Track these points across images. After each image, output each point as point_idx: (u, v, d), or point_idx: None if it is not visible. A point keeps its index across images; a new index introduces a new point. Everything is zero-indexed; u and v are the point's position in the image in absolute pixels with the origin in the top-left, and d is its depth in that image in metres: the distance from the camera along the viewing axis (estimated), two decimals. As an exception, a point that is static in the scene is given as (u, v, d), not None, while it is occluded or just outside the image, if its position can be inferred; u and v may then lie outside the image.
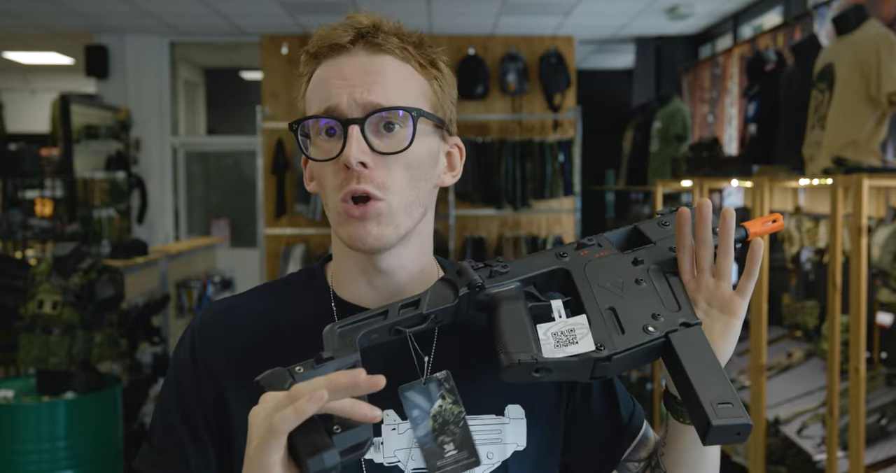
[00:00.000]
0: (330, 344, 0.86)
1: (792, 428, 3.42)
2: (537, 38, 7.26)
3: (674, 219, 0.98)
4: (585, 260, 0.97)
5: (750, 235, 1.01)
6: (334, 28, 0.98)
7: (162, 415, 1.02)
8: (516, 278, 0.95)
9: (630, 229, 1.03)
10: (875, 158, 3.36)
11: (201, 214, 8.53)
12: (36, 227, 5.23)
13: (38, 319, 3.51)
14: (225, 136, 8.87)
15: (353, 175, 0.93)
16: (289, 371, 0.83)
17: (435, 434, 0.95)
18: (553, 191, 7.01)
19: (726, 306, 0.94)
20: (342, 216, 0.94)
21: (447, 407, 0.96)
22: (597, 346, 0.89)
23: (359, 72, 0.95)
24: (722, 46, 6.86)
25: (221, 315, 1.04)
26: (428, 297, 0.92)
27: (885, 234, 3.14)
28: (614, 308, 0.92)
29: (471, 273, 0.94)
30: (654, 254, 0.98)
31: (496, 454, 0.99)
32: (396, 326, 0.90)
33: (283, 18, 6.53)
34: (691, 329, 0.91)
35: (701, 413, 0.86)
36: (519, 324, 0.90)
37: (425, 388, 0.97)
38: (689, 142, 6.19)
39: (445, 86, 1.01)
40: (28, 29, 7.18)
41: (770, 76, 4.44)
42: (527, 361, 0.87)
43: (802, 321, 3.98)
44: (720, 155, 5.03)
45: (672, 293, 0.95)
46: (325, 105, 0.95)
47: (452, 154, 1.04)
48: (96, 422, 3.56)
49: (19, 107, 10.46)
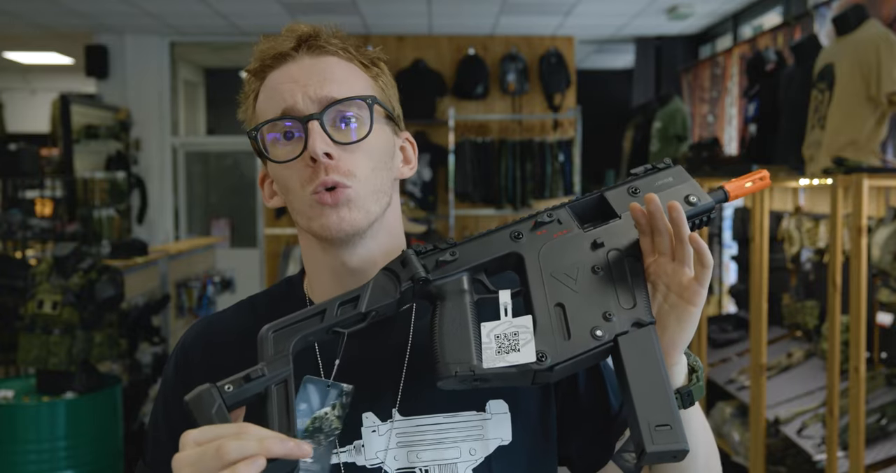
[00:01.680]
0: (264, 350, 0.85)
1: (792, 428, 3.42)
2: (537, 38, 7.27)
3: (645, 186, 0.95)
4: (542, 241, 0.92)
5: (730, 196, 0.95)
6: (274, 38, 1.01)
7: (153, 433, 1.06)
8: (465, 267, 0.91)
9: (596, 198, 0.96)
10: (875, 158, 3.36)
11: (201, 214, 8.53)
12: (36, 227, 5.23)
13: (38, 319, 3.51)
14: (225, 136, 8.87)
15: (320, 167, 0.95)
16: (217, 389, 0.81)
17: (305, 436, 0.94)
18: (553, 191, 7.01)
19: (684, 292, 0.90)
20: (314, 207, 0.96)
21: (330, 418, 0.95)
22: (538, 357, 0.85)
23: (307, 72, 0.98)
24: (722, 46, 6.86)
25: (203, 334, 1.07)
26: (368, 292, 0.89)
27: (885, 234, 3.14)
28: (563, 305, 0.88)
29: (415, 265, 0.90)
30: (617, 233, 0.92)
31: (479, 450, 0.99)
32: (334, 328, 0.88)
33: (283, 18, 6.53)
34: (642, 330, 0.87)
35: (637, 434, 0.83)
36: (461, 327, 0.87)
37: (326, 390, 0.95)
38: (689, 142, 6.19)
39: (389, 84, 1.04)
40: (28, 29, 7.17)
41: (770, 76, 4.44)
42: (464, 373, 0.85)
43: (802, 321, 3.98)
44: (720, 155, 5.03)
45: (629, 283, 0.89)
46: (281, 108, 0.97)
47: (406, 148, 1.07)
48: (96, 422, 3.56)
49: (19, 107, 10.46)
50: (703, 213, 0.94)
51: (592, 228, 0.93)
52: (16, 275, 4.24)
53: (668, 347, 0.92)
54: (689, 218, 0.92)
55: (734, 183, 0.97)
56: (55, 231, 5.41)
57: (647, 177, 0.96)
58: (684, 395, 0.91)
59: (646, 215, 0.90)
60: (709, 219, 0.95)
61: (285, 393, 0.84)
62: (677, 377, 0.93)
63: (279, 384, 0.84)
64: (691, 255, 0.89)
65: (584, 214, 0.95)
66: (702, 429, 0.97)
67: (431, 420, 0.99)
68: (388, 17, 6.63)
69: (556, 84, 7.17)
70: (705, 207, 0.94)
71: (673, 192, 0.94)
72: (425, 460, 0.98)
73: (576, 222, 0.94)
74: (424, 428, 0.99)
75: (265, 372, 0.83)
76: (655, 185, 0.95)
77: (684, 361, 0.94)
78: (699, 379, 0.94)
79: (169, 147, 7.71)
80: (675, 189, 0.95)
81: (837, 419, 2.94)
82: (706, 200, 0.94)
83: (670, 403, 0.84)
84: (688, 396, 0.92)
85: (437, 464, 0.98)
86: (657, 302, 0.92)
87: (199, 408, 0.80)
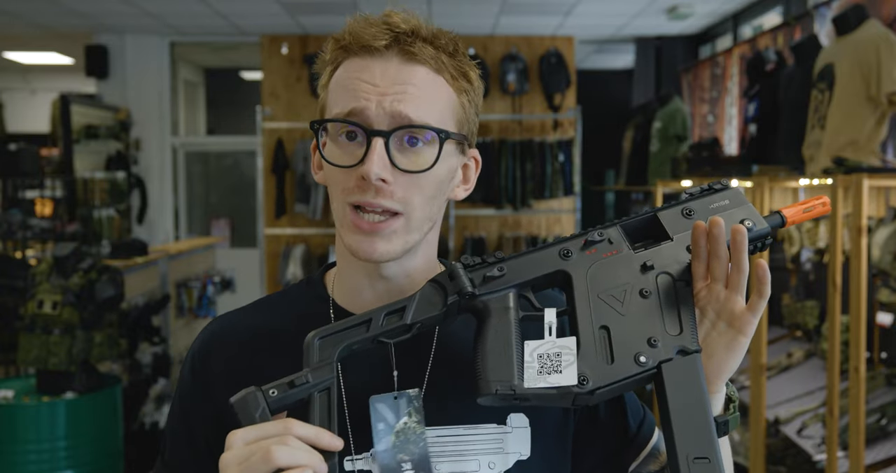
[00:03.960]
0: (310, 356, 0.85)
1: (792, 428, 3.42)
2: (537, 37, 7.26)
3: (700, 208, 0.92)
4: (591, 260, 0.90)
5: (788, 222, 0.92)
6: (370, 24, 0.93)
7: (171, 432, 1.04)
8: (512, 283, 0.90)
9: (649, 218, 0.94)
10: (875, 158, 3.36)
11: (201, 214, 8.53)
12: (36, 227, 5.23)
13: (38, 319, 3.51)
14: (225, 136, 8.87)
15: (369, 187, 0.90)
16: (263, 393, 0.82)
17: (395, 451, 0.94)
18: (553, 191, 7.01)
19: (735, 321, 0.89)
20: (347, 224, 0.93)
21: (411, 426, 0.95)
22: (579, 380, 0.84)
23: (391, 79, 0.91)
24: (722, 46, 6.86)
25: (219, 333, 1.04)
26: (415, 304, 0.88)
27: (885, 234, 3.14)
28: (608, 327, 0.87)
29: (462, 279, 0.89)
30: (668, 256, 0.90)
31: (498, 464, 0.97)
32: (379, 338, 0.87)
33: (283, 18, 6.53)
34: (687, 358, 0.86)
35: (675, 465, 0.83)
36: (504, 344, 0.87)
37: (395, 403, 0.95)
38: (689, 142, 6.19)
39: (474, 98, 0.98)
40: (28, 29, 7.17)
41: (770, 76, 4.44)
42: (504, 392, 0.84)
43: (802, 321, 3.98)
44: (720, 155, 5.03)
45: (677, 309, 0.88)
46: (352, 106, 0.91)
47: (469, 166, 1.02)
48: (96, 422, 3.56)
49: (19, 107, 10.46)
50: (760, 239, 0.92)
51: (643, 249, 0.91)
52: (16, 275, 4.24)
53: (711, 375, 0.90)
54: None
55: (793, 208, 0.93)
56: (55, 231, 5.41)
57: (703, 199, 0.94)
58: (720, 425, 0.90)
59: (706, 235, 0.87)
60: (763, 245, 0.93)
61: (328, 400, 0.85)
62: (716, 405, 0.91)
63: (322, 391, 0.85)
64: (745, 283, 0.88)
65: (635, 234, 0.93)
66: (727, 458, 0.95)
67: (452, 431, 0.97)
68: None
69: (556, 84, 7.17)
70: (761, 233, 0.91)
71: (728, 216, 0.91)
72: (443, 471, 0.96)
73: (626, 242, 0.92)
74: (444, 440, 0.97)
75: (309, 378, 0.84)
76: (710, 208, 0.93)
77: (724, 390, 0.93)
78: (735, 409, 0.93)
79: (169, 147, 7.71)
80: (731, 212, 0.92)
81: (837, 419, 2.94)
82: (762, 226, 0.92)
83: (711, 435, 0.83)
84: (724, 425, 0.91)
85: None
86: (704, 328, 0.90)
87: (244, 410, 0.82)
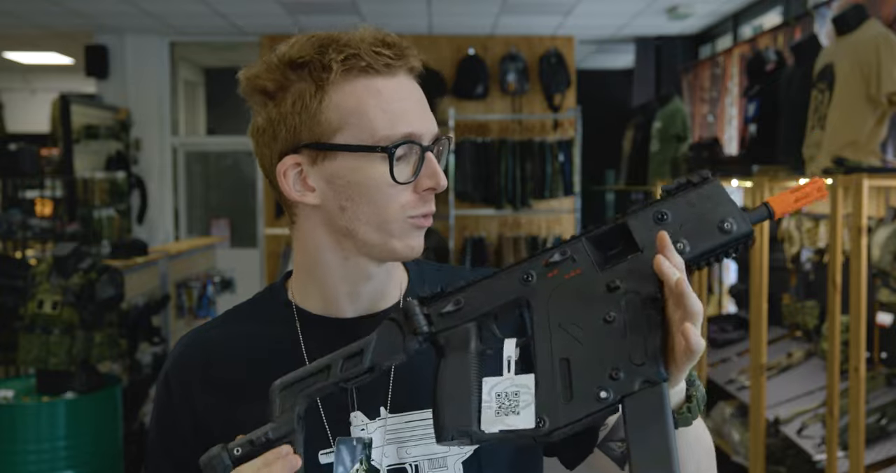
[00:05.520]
0: (273, 409, 0.88)
1: (792, 428, 3.42)
2: (537, 37, 7.27)
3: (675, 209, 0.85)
4: (553, 284, 0.85)
5: (776, 214, 0.85)
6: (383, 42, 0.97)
7: (150, 450, 1.07)
8: (470, 317, 0.87)
9: (617, 227, 0.86)
10: (875, 158, 3.36)
11: (201, 214, 8.53)
12: (36, 227, 5.23)
13: (38, 319, 3.51)
14: (225, 136, 8.86)
15: (430, 197, 0.98)
16: (227, 451, 0.86)
17: None
18: (553, 191, 7.01)
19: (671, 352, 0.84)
20: (406, 230, 0.98)
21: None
22: (537, 423, 0.82)
23: (418, 96, 1.00)
24: (722, 46, 6.86)
25: (190, 349, 1.07)
26: (372, 347, 0.88)
27: (885, 234, 3.14)
28: (569, 359, 0.82)
29: (418, 318, 0.87)
30: (636, 272, 0.83)
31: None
32: (340, 384, 0.88)
33: (283, 18, 6.53)
34: (653, 390, 0.80)
35: None
36: (461, 387, 0.85)
37: (353, 447, 0.97)
38: (689, 142, 6.19)
39: None
40: (28, 29, 7.18)
41: (770, 76, 4.44)
42: (461, 440, 0.85)
43: (802, 321, 3.98)
44: (720, 155, 5.03)
45: (643, 334, 0.81)
46: (406, 131, 0.95)
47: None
48: (96, 422, 3.56)
49: (19, 107, 10.46)
50: (736, 243, 0.84)
51: (609, 266, 0.85)
52: (16, 275, 4.24)
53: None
54: (718, 248, 0.84)
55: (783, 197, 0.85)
56: (55, 231, 5.41)
57: (678, 198, 0.85)
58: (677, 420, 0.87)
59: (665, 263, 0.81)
60: (746, 246, 0.85)
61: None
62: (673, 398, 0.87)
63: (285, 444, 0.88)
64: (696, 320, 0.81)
65: (605, 245, 0.87)
66: (693, 442, 0.93)
67: (420, 415, 0.99)
68: (387, 17, 6.63)
69: (556, 84, 7.17)
70: (738, 235, 0.84)
71: (704, 218, 0.84)
72: (415, 455, 0.98)
73: (591, 258, 0.85)
74: (413, 424, 0.99)
75: (270, 436, 0.87)
76: (685, 211, 0.84)
77: (682, 385, 0.89)
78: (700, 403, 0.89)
79: (169, 147, 7.71)
80: (708, 213, 0.84)
81: (837, 419, 2.94)
82: (742, 228, 0.83)
83: (672, 465, 0.79)
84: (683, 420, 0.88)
85: (427, 459, 0.99)
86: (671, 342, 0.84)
87: (210, 470, 0.87)
